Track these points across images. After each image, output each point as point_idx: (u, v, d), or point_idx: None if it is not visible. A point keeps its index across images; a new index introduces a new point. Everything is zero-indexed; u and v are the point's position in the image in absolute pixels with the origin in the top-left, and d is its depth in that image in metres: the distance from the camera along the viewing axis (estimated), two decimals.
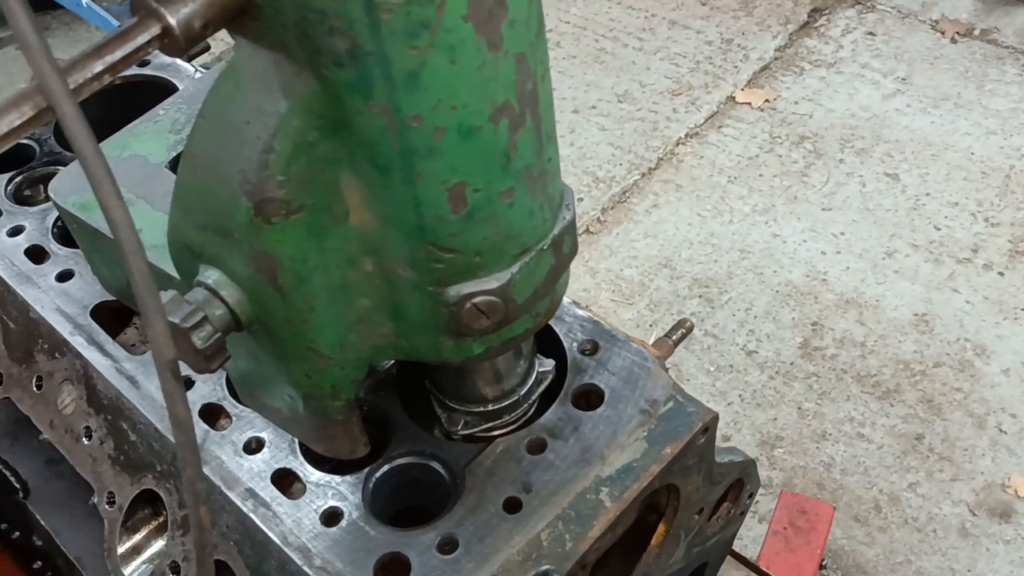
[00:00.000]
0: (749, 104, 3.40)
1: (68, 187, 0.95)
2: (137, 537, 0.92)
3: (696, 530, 1.00)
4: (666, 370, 0.92)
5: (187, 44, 0.57)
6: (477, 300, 0.71)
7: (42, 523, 1.12)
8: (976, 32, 3.54)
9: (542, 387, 0.91)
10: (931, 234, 2.93)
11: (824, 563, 2.26)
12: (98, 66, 0.54)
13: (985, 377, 2.59)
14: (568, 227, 0.74)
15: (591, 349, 0.93)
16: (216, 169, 0.66)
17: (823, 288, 2.83)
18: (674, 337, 1.03)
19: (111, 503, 0.93)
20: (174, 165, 0.98)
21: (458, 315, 0.71)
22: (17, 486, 1.14)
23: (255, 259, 0.68)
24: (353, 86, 0.59)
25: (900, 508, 2.38)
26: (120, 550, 0.91)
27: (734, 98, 3.43)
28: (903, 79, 3.41)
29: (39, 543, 1.16)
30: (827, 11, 3.72)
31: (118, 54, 0.55)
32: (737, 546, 2.34)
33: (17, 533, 1.17)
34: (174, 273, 0.87)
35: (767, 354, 2.71)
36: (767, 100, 3.39)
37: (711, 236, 3.01)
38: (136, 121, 1.02)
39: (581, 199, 3.16)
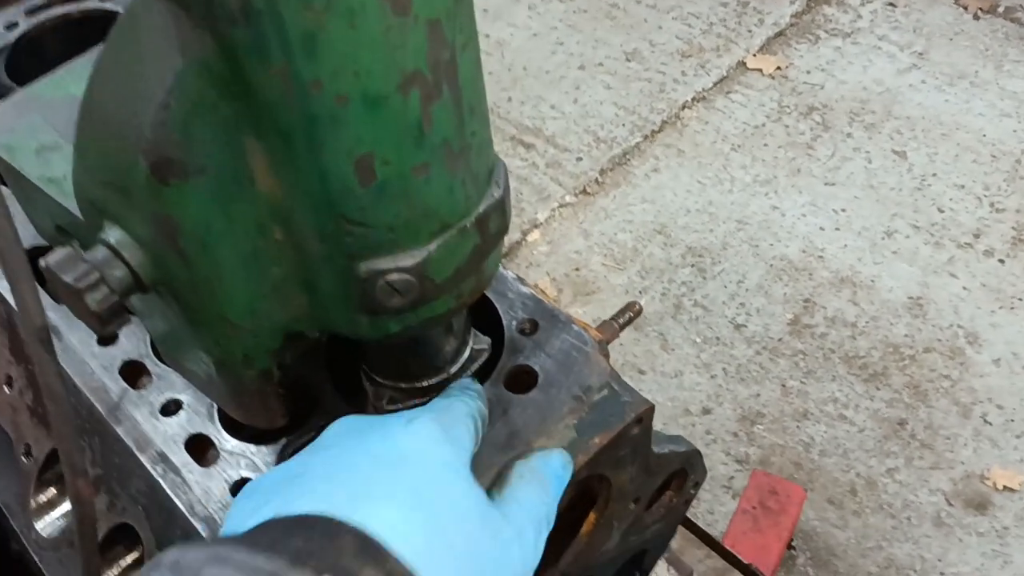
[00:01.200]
0: (760, 71, 3.32)
1: None
2: (52, 491, 0.90)
3: (633, 520, 0.97)
4: (607, 355, 0.88)
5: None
6: (391, 277, 0.67)
7: None
8: (1000, 9, 3.43)
9: (475, 365, 0.87)
10: (934, 216, 2.87)
11: (793, 544, 2.24)
12: None
13: (975, 366, 2.55)
14: (496, 204, 0.70)
15: (530, 328, 0.89)
16: (114, 124, 0.62)
17: (819, 265, 2.78)
18: (621, 320, 0.99)
19: (27, 455, 0.90)
20: None
21: (370, 292, 0.67)
22: None
23: (155, 221, 0.64)
24: (249, 47, 0.54)
25: (876, 493, 2.36)
26: (34, 503, 0.89)
27: (745, 63, 3.35)
28: (920, 54, 3.32)
29: None
30: None
31: None
32: (707, 520, 2.33)
33: None
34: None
35: (756, 328, 2.67)
36: (779, 68, 3.31)
37: (709, 204, 2.96)
38: (74, 59, 0.97)
39: (580, 158, 3.10)
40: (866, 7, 3.50)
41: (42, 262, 0.67)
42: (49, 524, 0.89)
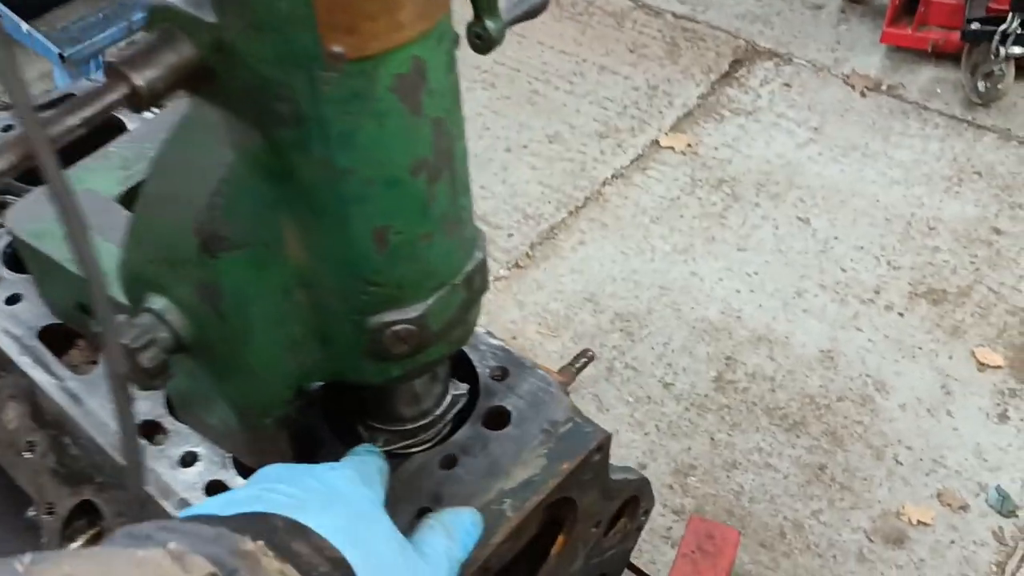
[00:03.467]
0: (672, 148, 3.57)
1: (24, 217, 1.03)
2: (74, 545, 0.99)
3: (594, 543, 1.11)
4: (567, 395, 1.02)
5: (150, 103, 0.67)
6: (397, 328, 0.81)
7: None
8: (884, 87, 3.77)
9: (456, 408, 1.01)
10: (838, 275, 3.11)
11: None
12: (73, 120, 0.63)
13: (884, 411, 2.76)
14: (479, 265, 0.85)
15: (501, 375, 1.04)
16: (170, 209, 0.75)
17: (737, 324, 2.99)
18: (576, 365, 1.14)
19: (50, 512, 0.99)
20: (123, 199, 1.06)
21: (379, 340, 0.81)
22: None
23: (200, 288, 0.77)
24: (295, 143, 0.69)
25: (803, 535, 2.52)
26: None
27: (658, 142, 3.59)
28: (816, 128, 3.62)
29: None
30: (747, 62, 3.93)
31: (90, 110, 0.64)
32: (650, 570, 2.45)
33: None
34: (122, 299, 0.95)
35: (683, 386, 2.84)
36: (689, 145, 3.57)
37: (633, 273, 3.15)
38: (88, 157, 1.10)
39: (511, 235, 3.28)
40: (764, 87, 3.80)
41: (97, 327, 0.79)
42: None
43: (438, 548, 0.80)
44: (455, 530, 0.83)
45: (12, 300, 1.12)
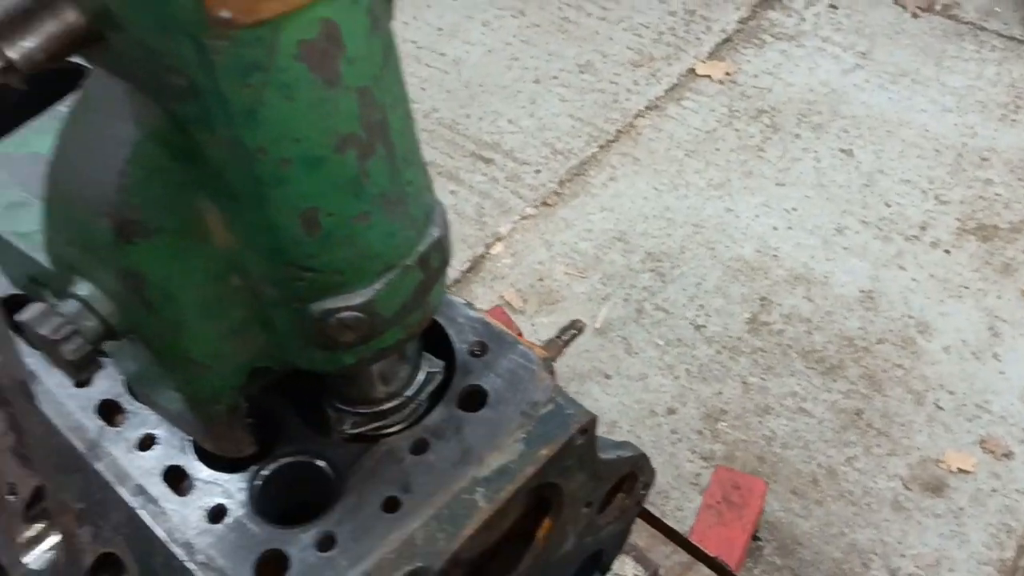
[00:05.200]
0: (709, 77, 3.41)
1: None
2: (37, 528, 0.95)
3: (587, 523, 1.04)
4: (552, 372, 0.95)
5: (32, 72, 0.59)
6: (342, 315, 0.73)
7: None
8: (937, 7, 3.55)
9: (430, 387, 0.94)
10: (882, 211, 2.96)
11: (759, 535, 2.32)
12: None
13: (926, 354, 2.64)
14: (435, 244, 0.77)
15: (480, 350, 0.96)
16: (78, 189, 0.68)
17: (773, 264, 2.87)
18: (564, 338, 1.06)
19: (13, 493, 0.95)
20: None
21: (324, 329, 0.74)
22: None
23: (122, 276, 0.70)
24: (196, 119, 0.61)
25: (837, 482, 2.44)
26: (20, 539, 0.94)
27: (695, 70, 3.43)
28: (863, 53, 3.42)
29: None
30: None
31: None
32: (677, 517, 2.40)
33: None
34: None
35: (715, 328, 2.75)
36: (727, 73, 3.40)
37: (666, 210, 3.04)
38: (37, 117, 1.03)
39: (539, 171, 3.18)
40: (809, 10, 3.60)
41: (17, 318, 0.72)
42: (37, 558, 0.94)
43: None
44: None
45: None
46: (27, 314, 0.71)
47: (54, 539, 0.96)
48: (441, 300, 0.83)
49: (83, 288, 0.73)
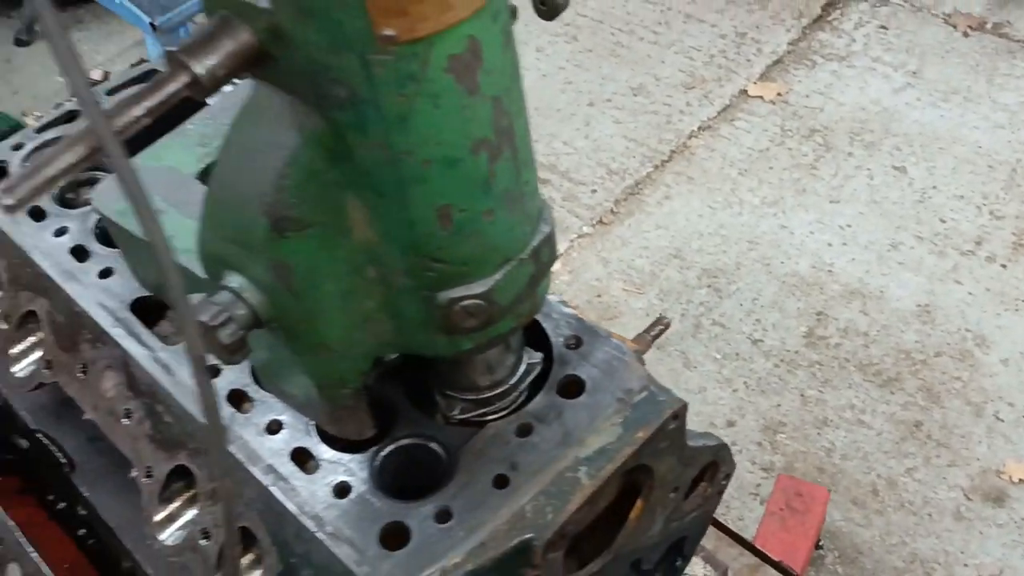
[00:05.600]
0: (761, 97, 3.47)
1: (110, 195, 1.07)
2: (172, 507, 1.04)
3: (673, 507, 1.10)
4: (643, 363, 1.02)
5: (212, 90, 0.68)
6: (465, 303, 0.81)
7: (85, 495, 1.24)
8: (988, 26, 3.59)
9: (530, 377, 1.02)
10: (936, 226, 3.00)
11: (821, 543, 2.36)
12: (138, 111, 0.65)
13: (984, 367, 2.67)
14: (546, 239, 0.85)
15: (575, 343, 1.04)
16: (239, 191, 0.77)
17: (829, 279, 2.92)
18: (652, 333, 1.13)
19: (149, 476, 1.04)
20: (202, 176, 1.09)
21: (448, 316, 0.82)
22: (64, 460, 1.26)
23: (273, 268, 0.79)
24: (353, 125, 0.69)
25: (897, 492, 2.47)
26: (156, 518, 1.03)
27: (746, 91, 3.50)
28: (914, 72, 3.47)
29: (83, 512, 1.28)
30: (840, 5, 3.78)
31: (153, 100, 0.66)
32: (738, 526, 2.44)
33: (63, 504, 1.29)
34: (203, 275, 0.98)
35: (772, 343, 2.80)
36: (779, 93, 3.46)
37: (721, 227, 3.10)
38: (168, 135, 1.13)
39: (595, 191, 3.26)
40: (859, 31, 3.66)
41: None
42: (171, 535, 1.03)
43: None
44: None
45: (105, 274, 1.16)
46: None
47: (187, 517, 1.04)
48: (546, 294, 0.91)
49: (234, 280, 0.82)
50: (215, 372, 1.07)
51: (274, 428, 1.00)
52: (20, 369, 1.19)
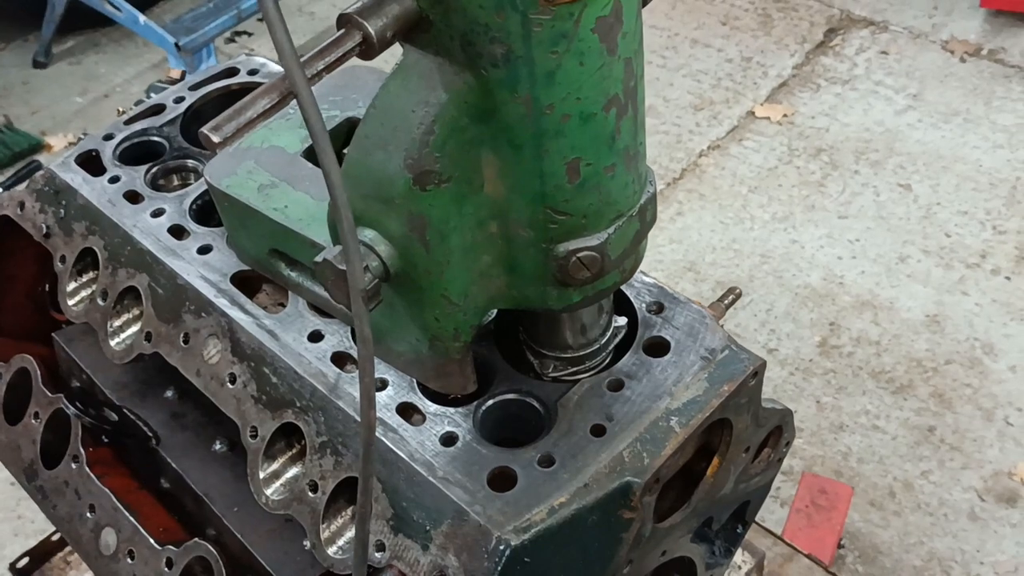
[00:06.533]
0: (768, 118, 3.58)
1: (220, 170, 1.14)
2: (276, 464, 1.10)
3: (743, 468, 1.18)
4: (721, 326, 1.10)
5: (380, 49, 0.76)
6: (581, 255, 0.89)
7: (173, 466, 1.30)
8: (984, 52, 3.72)
9: (617, 339, 1.09)
10: (942, 240, 3.10)
11: (842, 543, 2.42)
12: (320, 65, 0.73)
13: (993, 374, 2.76)
14: (651, 199, 0.93)
15: (657, 309, 1.11)
16: (385, 148, 0.84)
17: (840, 290, 3.01)
18: (725, 301, 1.21)
19: (254, 436, 1.10)
20: (307, 154, 1.16)
21: (565, 267, 0.89)
22: (150, 435, 1.32)
23: (409, 220, 0.86)
24: (504, 82, 0.77)
25: (913, 494, 2.54)
26: (262, 475, 1.09)
27: (754, 113, 3.62)
28: (914, 95, 3.59)
29: (166, 485, 1.34)
30: (842, 31, 3.91)
31: (332, 57, 0.73)
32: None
33: (151, 474, 1.35)
34: (319, 240, 1.05)
35: (787, 352, 2.88)
36: (785, 115, 3.58)
37: (733, 242, 3.19)
38: (271, 118, 1.20)
39: None
40: (860, 56, 3.79)
41: (319, 257, 0.88)
42: (275, 491, 1.09)
43: None
44: None
45: (204, 250, 1.23)
46: (327, 254, 0.87)
47: (291, 473, 1.10)
48: (645, 252, 0.99)
49: (367, 235, 0.89)
50: (319, 336, 1.14)
51: (380, 386, 1.07)
52: (119, 343, 1.25)
